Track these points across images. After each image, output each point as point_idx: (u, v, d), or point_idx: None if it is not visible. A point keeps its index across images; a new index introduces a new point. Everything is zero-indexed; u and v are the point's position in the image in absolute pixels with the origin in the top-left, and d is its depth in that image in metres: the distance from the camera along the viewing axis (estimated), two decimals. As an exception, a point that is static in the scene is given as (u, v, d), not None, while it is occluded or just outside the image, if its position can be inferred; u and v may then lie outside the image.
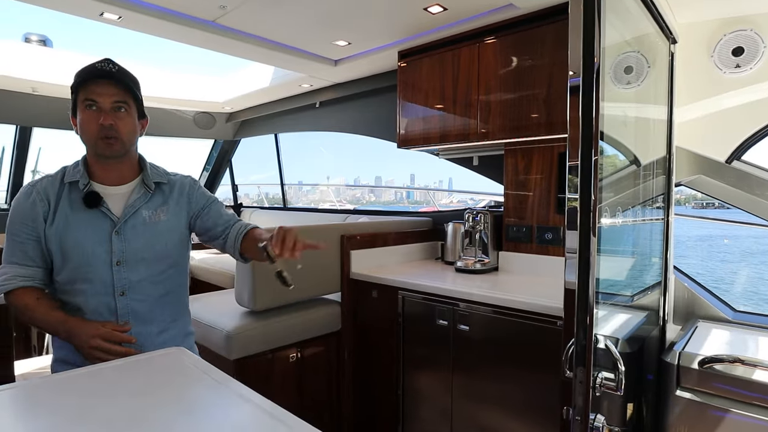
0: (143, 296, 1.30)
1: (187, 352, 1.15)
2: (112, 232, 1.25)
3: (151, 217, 1.31)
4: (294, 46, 2.79)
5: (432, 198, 5.29)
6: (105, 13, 2.19)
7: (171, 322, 1.38)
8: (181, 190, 1.40)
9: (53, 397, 0.92)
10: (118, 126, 1.22)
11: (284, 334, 2.21)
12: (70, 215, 1.24)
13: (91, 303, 1.25)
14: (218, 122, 4.91)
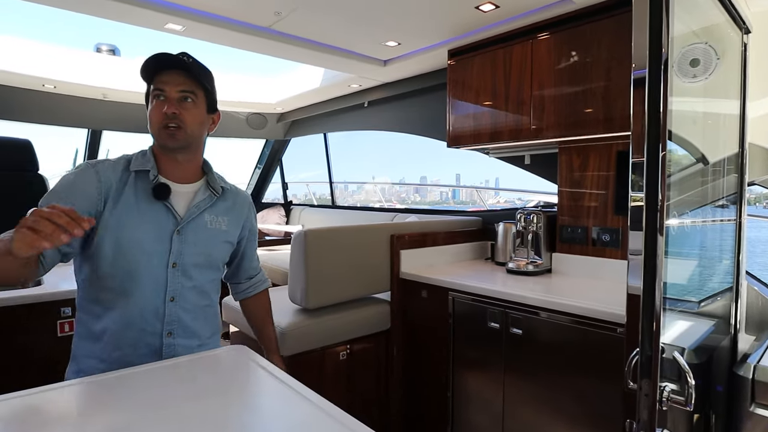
0: (191, 305, 1.21)
1: (250, 351, 1.20)
2: (174, 230, 1.17)
3: (212, 222, 1.25)
4: (344, 48, 2.83)
5: (480, 197, 5.21)
6: (169, 24, 2.31)
7: (209, 337, 1.29)
8: (242, 204, 1.37)
9: (122, 393, 0.99)
10: (183, 115, 1.16)
11: (335, 331, 2.25)
12: (134, 205, 1.15)
13: (138, 305, 1.14)
14: (270, 122, 5.05)
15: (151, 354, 1.17)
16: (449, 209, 4.57)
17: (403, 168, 76.79)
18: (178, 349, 1.20)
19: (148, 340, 1.17)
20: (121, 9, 2.14)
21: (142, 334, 1.16)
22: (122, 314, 1.14)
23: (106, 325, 1.14)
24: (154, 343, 1.17)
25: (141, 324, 1.15)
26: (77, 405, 0.95)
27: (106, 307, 1.14)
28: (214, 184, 1.28)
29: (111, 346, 1.14)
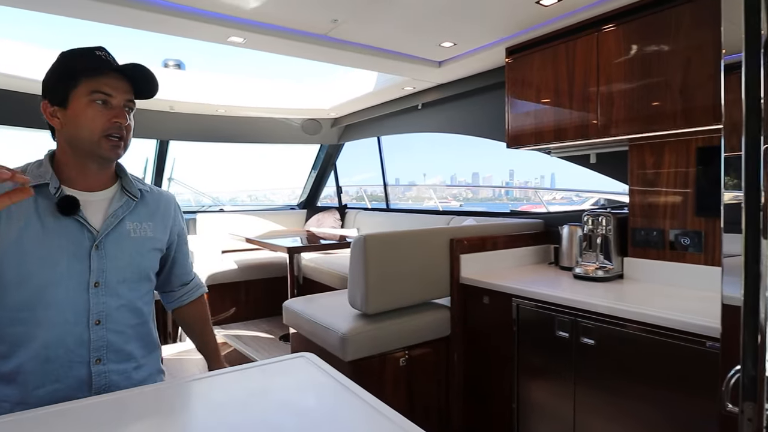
0: (121, 326, 1.09)
1: (315, 357, 1.20)
2: (91, 246, 1.04)
3: (136, 229, 1.13)
4: (399, 51, 2.81)
5: (536, 195, 5.04)
6: (232, 37, 2.39)
7: (146, 356, 1.16)
8: (166, 206, 1.23)
9: (189, 401, 1.01)
10: (127, 128, 1.07)
11: (395, 337, 2.23)
12: (38, 224, 1.00)
13: (55, 334, 1.00)
14: (324, 127, 5.14)
15: (80, 385, 1.04)
16: (502, 208, 4.44)
17: (455, 164, 75.55)
18: (111, 375, 1.07)
19: (75, 371, 1.03)
20: (187, 25, 2.24)
21: (65, 365, 1.02)
22: (38, 348, 1.00)
23: (20, 364, 1.00)
24: (81, 373, 1.04)
25: (63, 355, 1.02)
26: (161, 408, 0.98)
27: (15, 344, 1.00)
28: (130, 188, 1.14)
29: (30, 386, 1.00)
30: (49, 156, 1.09)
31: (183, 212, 1.34)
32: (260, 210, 5.31)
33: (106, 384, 1.07)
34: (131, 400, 0.97)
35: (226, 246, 4.62)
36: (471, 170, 63.79)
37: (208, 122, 4.61)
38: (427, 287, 2.36)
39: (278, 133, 5.01)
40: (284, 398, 0.99)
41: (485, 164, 58.56)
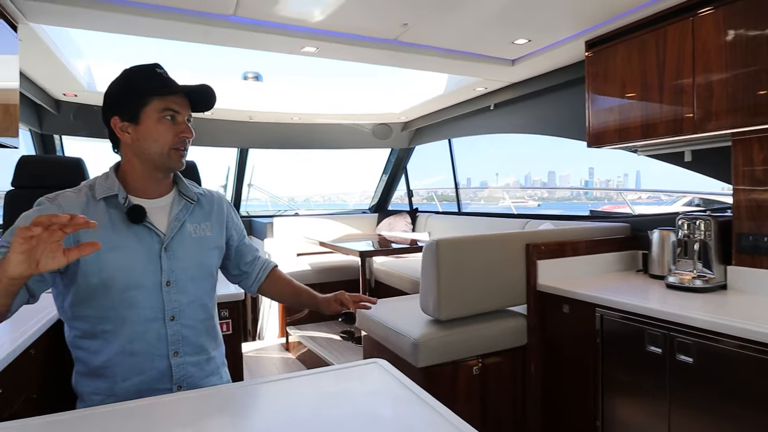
0: (192, 321, 1.17)
1: (388, 364, 1.19)
2: (160, 249, 1.13)
3: (196, 230, 1.21)
4: (471, 52, 2.75)
5: (619, 194, 4.68)
6: (306, 47, 2.47)
7: (214, 349, 1.25)
8: (219, 205, 1.31)
9: (262, 401, 1.03)
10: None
11: (468, 345, 2.17)
12: (112, 232, 1.09)
13: (137, 331, 1.10)
14: (394, 131, 5.16)
15: (162, 377, 1.13)
16: (581, 207, 4.18)
17: (529, 162, 72.19)
18: (187, 367, 1.16)
19: (156, 364, 1.12)
20: (264, 39, 2.34)
21: (148, 359, 1.11)
22: (124, 344, 1.09)
23: (108, 358, 1.09)
24: (162, 366, 1.13)
25: (145, 349, 1.11)
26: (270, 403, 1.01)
27: (104, 341, 1.09)
28: (187, 192, 1.23)
29: (118, 379, 1.10)
30: (114, 168, 1.18)
31: (260, 216, 1.40)
32: (333, 214, 5.44)
33: (183, 375, 1.15)
34: (211, 398, 1.02)
35: (301, 249, 4.77)
36: (547, 168, 60.62)
37: (283, 130, 4.80)
38: (502, 294, 2.27)
39: (350, 139, 5.11)
40: (356, 404, 0.99)
41: (562, 162, 55.23)
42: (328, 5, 2.11)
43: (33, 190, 2.56)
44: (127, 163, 1.16)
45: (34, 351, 1.52)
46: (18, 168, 2.54)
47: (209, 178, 9.87)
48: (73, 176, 2.67)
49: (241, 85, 4.35)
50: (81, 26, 2.24)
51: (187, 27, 2.16)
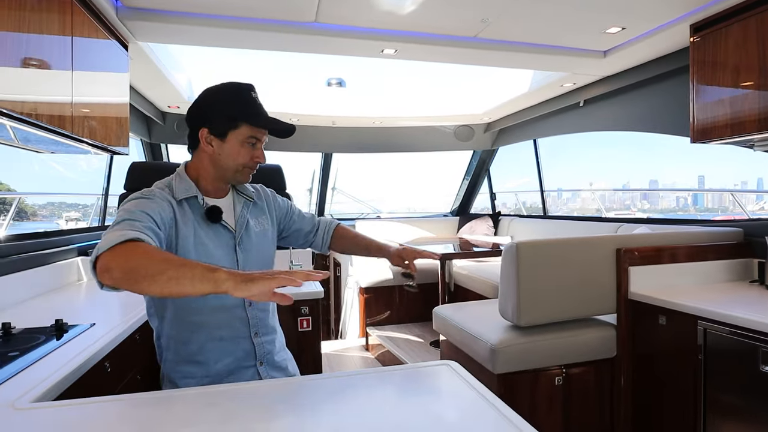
0: (264, 305, 1.31)
1: (459, 366, 1.16)
2: (234, 244, 1.25)
3: (257, 225, 1.33)
4: (557, 45, 2.62)
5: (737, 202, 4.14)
6: (385, 50, 2.50)
7: (278, 329, 1.40)
8: (266, 198, 1.41)
9: (330, 395, 1.04)
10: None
11: (550, 353, 2.05)
12: (198, 229, 1.21)
13: (223, 317, 1.23)
14: (477, 133, 5.06)
15: (247, 356, 1.26)
16: (690, 218, 3.77)
17: (627, 170, 66.26)
18: (266, 345, 1.30)
19: (242, 345, 1.26)
20: (344, 43, 2.42)
21: (234, 341, 1.24)
22: (213, 330, 1.22)
23: (201, 345, 1.21)
24: (247, 346, 1.26)
25: (231, 333, 1.24)
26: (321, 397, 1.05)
27: (196, 330, 1.21)
28: (244, 191, 1.34)
29: (211, 362, 1.22)
30: (185, 170, 1.27)
31: (343, 219, 1.48)
32: (415, 218, 5.45)
33: (263, 352, 1.29)
34: (283, 387, 1.06)
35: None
36: (648, 177, 54.78)
37: (366, 134, 4.91)
38: (589, 301, 2.12)
39: (431, 141, 5.09)
40: (423, 405, 0.97)
41: (665, 169, 49.53)
42: (407, 7, 2.13)
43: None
44: (201, 168, 1.26)
45: (139, 336, 1.70)
46: (129, 173, 2.85)
47: (294, 183, 10.36)
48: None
49: (325, 91, 4.53)
50: (182, 42, 2.48)
51: (271, 36, 2.29)
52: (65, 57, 1.71)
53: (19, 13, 1.43)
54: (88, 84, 1.90)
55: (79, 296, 2.19)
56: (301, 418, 0.92)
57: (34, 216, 11.30)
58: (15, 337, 1.45)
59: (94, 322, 1.60)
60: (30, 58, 1.49)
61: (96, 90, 2.02)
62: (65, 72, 1.72)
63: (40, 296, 2.09)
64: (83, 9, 1.83)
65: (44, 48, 1.58)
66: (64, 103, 1.71)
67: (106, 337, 1.43)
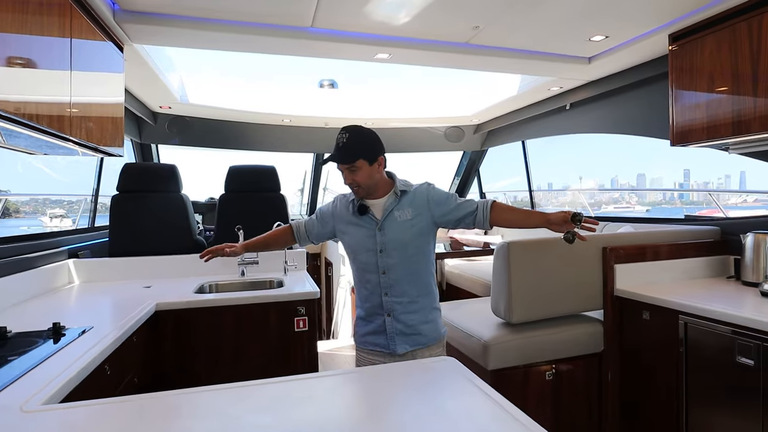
0: (396, 275, 1.72)
1: (458, 363, 1.23)
2: (376, 228, 1.71)
3: (400, 216, 1.72)
4: (545, 51, 2.71)
5: (716, 202, 4.28)
6: (378, 54, 2.57)
7: (417, 296, 1.75)
8: (421, 195, 1.77)
9: (334, 390, 1.10)
10: (356, 179, 1.68)
11: (540, 349, 2.14)
12: (352, 219, 1.77)
13: (366, 277, 1.76)
14: (467, 134, 5.14)
15: (378, 308, 1.75)
16: (675, 213, 3.89)
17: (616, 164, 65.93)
18: (393, 304, 1.72)
19: (376, 300, 1.74)
20: (338, 48, 2.48)
21: (374, 296, 1.75)
22: (365, 286, 1.77)
23: (361, 295, 1.81)
24: (378, 301, 1.74)
25: (372, 290, 1.75)
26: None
27: (363, 281, 1.78)
28: (397, 191, 1.75)
29: (368, 305, 1.78)
30: None
31: None
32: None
33: (390, 309, 1.73)
34: (287, 384, 1.12)
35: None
36: (635, 171, 55.41)
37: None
38: (577, 298, 2.21)
39: (422, 142, 5.15)
40: (425, 398, 1.04)
41: (653, 163, 50.17)
42: (402, 14, 2.19)
43: (135, 193, 2.91)
44: None
45: (136, 339, 1.74)
46: (122, 174, 2.86)
47: (287, 183, 10.38)
48: (169, 180, 2.97)
49: (317, 92, 4.57)
50: (177, 45, 2.51)
51: (268, 40, 2.34)
52: (64, 58, 1.73)
53: (22, 16, 1.46)
54: (85, 85, 1.91)
55: (71, 299, 2.20)
56: (317, 411, 0.98)
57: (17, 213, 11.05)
58: (11, 341, 1.47)
59: (92, 325, 1.64)
60: (30, 59, 1.50)
61: (93, 91, 2.03)
62: (65, 73, 1.73)
63: (31, 300, 2.11)
64: (81, 12, 1.85)
65: (44, 49, 1.59)
66: (62, 104, 1.72)
67: (106, 340, 1.46)
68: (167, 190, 2.91)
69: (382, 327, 1.74)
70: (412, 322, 1.73)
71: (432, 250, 1.80)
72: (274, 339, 2.21)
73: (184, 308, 2.07)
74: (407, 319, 1.73)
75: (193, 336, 2.09)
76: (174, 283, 2.50)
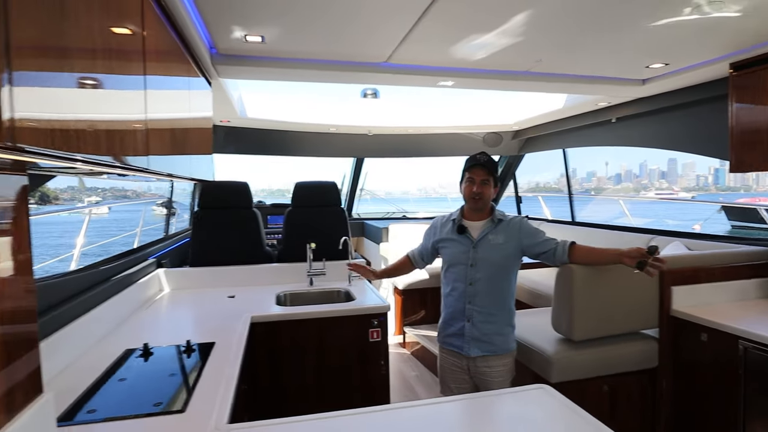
0: (481, 288, 2.03)
1: (552, 390, 1.38)
2: (471, 246, 2.05)
3: (493, 239, 2.04)
4: (600, 75, 2.80)
5: (758, 182, 4.28)
6: (441, 82, 2.71)
7: (496, 310, 2.04)
8: (513, 226, 2.09)
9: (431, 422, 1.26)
10: (483, 191, 2.04)
11: (598, 364, 2.27)
12: (453, 236, 2.11)
13: (456, 285, 2.08)
14: (505, 139, 5.23)
15: (460, 314, 2.06)
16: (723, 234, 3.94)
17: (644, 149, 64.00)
18: (473, 313, 2.03)
19: (459, 306, 2.06)
20: (406, 78, 2.63)
21: (459, 302, 2.06)
22: (452, 293, 2.09)
23: (447, 301, 2.13)
24: (462, 307, 2.05)
25: (459, 297, 2.06)
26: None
27: (451, 289, 2.10)
28: (494, 218, 2.08)
29: (452, 310, 2.10)
30: (462, 206, 2.18)
31: (370, 219, 2.46)
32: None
33: (470, 315, 2.03)
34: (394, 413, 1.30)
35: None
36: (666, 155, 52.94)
37: (398, 140, 5.10)
38: (634, 318, 2.34)
39: (460, 146, 5.27)
40: (519, 427, 1.18)
41: None
42: (481, 53, 2.33)
43: (214, 210, 3.14)
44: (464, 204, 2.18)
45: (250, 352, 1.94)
46: (202, 192, 3.11)
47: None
48: (240, 196, 3.21)
49: (361, 102, 4.71)
50: (259, 78, 2.69)
51: (345, 74, 2.52)
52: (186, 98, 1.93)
53: (162, 65, 1.63)
54: (186, 122, 2.11)
55: (172, 310, 2.45)
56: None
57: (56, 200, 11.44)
58: (156, 357, 1.70)
59: (213, 340, 1.85)
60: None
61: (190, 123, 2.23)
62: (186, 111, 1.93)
63: (138, 311, 2.35)
64: (190, 59, 2.04)
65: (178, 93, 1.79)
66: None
67: (235, 357, 1.67)
68: (241, 206, 3.15)
69: (461, 331, 2.05)
70: (487, 331, 2.03)
71: (515, 274, 2.10)
72: (352, 348, 2.42)
73: (275, 320, 2.29)
74: (484, 327, 2.03)
75: (282, 345, 2.31)
76: (252, 292, 2.73)
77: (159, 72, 1.48)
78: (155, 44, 1.43)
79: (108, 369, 1.58)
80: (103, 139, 0.98)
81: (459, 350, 2.07)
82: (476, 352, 2.02)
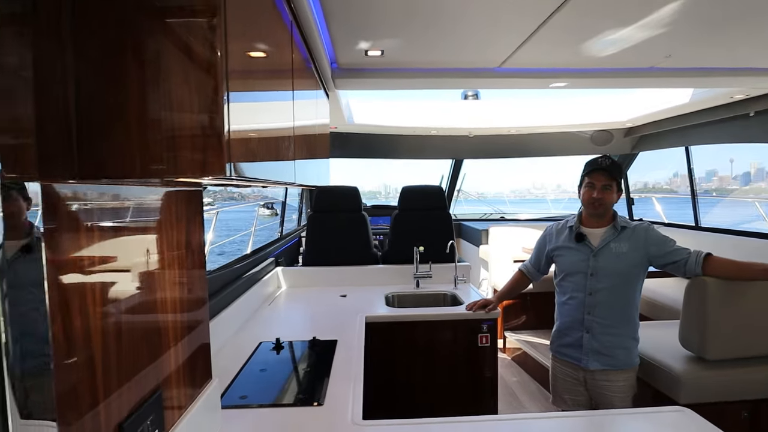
0: (602, 298, 1.93)
1: (693, 415, 1.30)
2: (590, 255, 1.96)
3: (616, 248, 1.93)
4: (739, 67, 2.53)
5: None
6: (553, 84, 2.62)
7: (618, 322, 1.94)
8: (639, 233, 1.96)
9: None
10: (604, 197, 1.93)
11: (736, 386, 2.07)
12: (570, 244, 2.03)
13: (574, 295, 1.99)
14: (615, 137, 4.90)
15: (579, 324, 1.98)
16: None
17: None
18: (593, 324, 1.94)
19: (578, 316, 1.98)
20: (516, 81, 2.59)
21: (576, 312, 1.98)
22: (569, 302, 2.01)
23: (562, 310, 2.07)
24: (580, 317, 1.97)
25: (576, 307, 1.98)
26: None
27: (568, 299, 2.03)
28: (617, 225, 1.96)
29: (568, 320, 2.03)
30: (580, 211, 2.09)
31: (467, 220, 2.67)
32: (545, 220, 5.45)
33: (589, 326, 1.95)
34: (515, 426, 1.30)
35: (517, 256, 4.92)
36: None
37: (500, 141, 5.00)
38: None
39: (566, 146, 5.03)
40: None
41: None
42: (611, 48, 2.22)
43: (326, 213, 3.35)
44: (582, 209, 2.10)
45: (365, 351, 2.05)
46: (317, 196, 3.33)
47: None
48: (351, 200, 3.38)
49: (462, 104, 4.69)
50: (373, 89, 2.81)
51: (458, 80, 2.54)
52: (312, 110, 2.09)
53: (298, 81, 1.78)
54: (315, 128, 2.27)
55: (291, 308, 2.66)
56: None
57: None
58: (287, 350, 1.87)
59: (335, 338, 1.98)
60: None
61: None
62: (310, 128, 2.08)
63: (262, 307, 2.58)
64: (316, 74, 2.20)
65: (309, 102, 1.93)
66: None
67: (357, 354, 1.78)
68: (351, 210, 3.32)
69: (579, 342, 1.98)
70: (608, 344, 1.94)
71: (640, 284, 1.98)
72: (461, 351, 2.45)
73: (388, 321, 2.39)
74: (605, 340, 1.94)
75: (393, 345, 2.41)
76: (362, 292, 2.88)
77: (298, 87, 1.62)
78: (297, 63, 1.57)
79: (247, 359, 1.77)
80: (273, 148, 1.10)
81: (576, 362, 2.00)
82: (596, 365, 1.94)
